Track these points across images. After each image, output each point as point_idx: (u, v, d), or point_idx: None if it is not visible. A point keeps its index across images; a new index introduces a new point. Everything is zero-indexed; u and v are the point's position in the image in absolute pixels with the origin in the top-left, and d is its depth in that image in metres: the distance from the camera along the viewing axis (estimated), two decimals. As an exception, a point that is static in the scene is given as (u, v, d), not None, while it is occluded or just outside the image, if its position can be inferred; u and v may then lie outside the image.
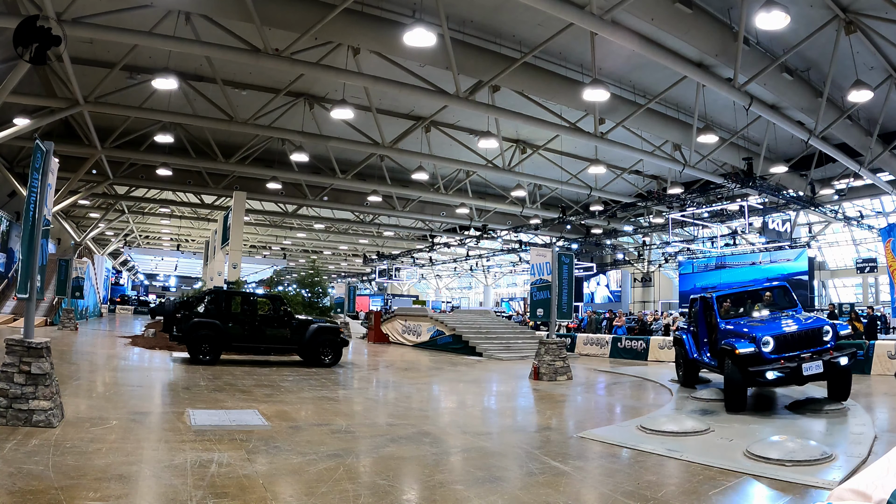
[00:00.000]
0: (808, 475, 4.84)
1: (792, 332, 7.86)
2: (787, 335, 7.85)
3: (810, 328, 7.91)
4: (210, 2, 10.46)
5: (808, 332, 7.84)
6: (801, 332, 7.84)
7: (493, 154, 18.68)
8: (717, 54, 11.44)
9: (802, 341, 7.80)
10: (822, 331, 7.86)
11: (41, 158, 6.06)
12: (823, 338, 7.81)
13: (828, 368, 7.62)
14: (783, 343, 7.78)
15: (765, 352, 7.72)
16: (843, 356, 7.64)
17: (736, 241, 26.95)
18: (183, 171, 21.65)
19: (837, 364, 7.62)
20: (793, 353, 7.69)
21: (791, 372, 7.51)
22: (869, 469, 1.20)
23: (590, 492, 4.71)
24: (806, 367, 7.50)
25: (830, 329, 7.84)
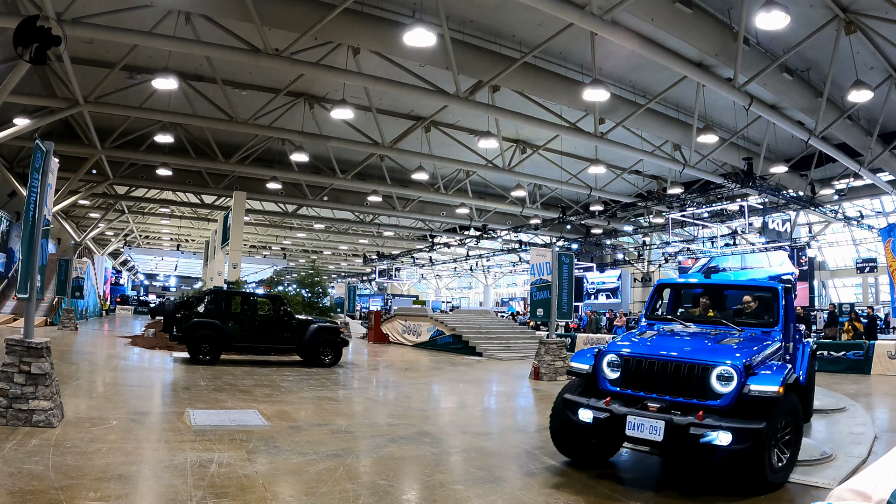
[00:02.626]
0: (808, 475, 4.84)
1: (662, 357, 4.81)
2: (646, 358, 4.85)
3: (687, 361, 4.67)
4: (210, 2, 10.45)
5: (681, 368, 4.66)
6: (673, 364, 4.71)
7: (493, 154, 18.68)
8: (717, 54, 11.43)
9: (671, 380, 4.69)
10: (707, 373, 4.56)
11: (41, 158, 6.06)
12: (711, 385, 4.54)
13: (674, 439, 4.38)
14: (638, 371, 4.84)
15: (603, 375, 5.03)
16: (724, 431, 4.23)
17: (736, 241, 26.93)
18: (183, 171, 21.65)
19: (695, 440, 4.28)
20: (648, 393, 4.73)
21: (609, 421, 4.63)
22: (869, 469, 1.20)
23: (590, 491, 4.71)
24: (634, 422, 4.51)
25: (734, 375, 4.49)
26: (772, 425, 4.40)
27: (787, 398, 4.60)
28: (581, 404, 4.84)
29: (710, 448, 4.26)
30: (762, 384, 4.47)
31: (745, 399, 4.46)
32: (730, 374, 4.52)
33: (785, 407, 4.57)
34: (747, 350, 4.87)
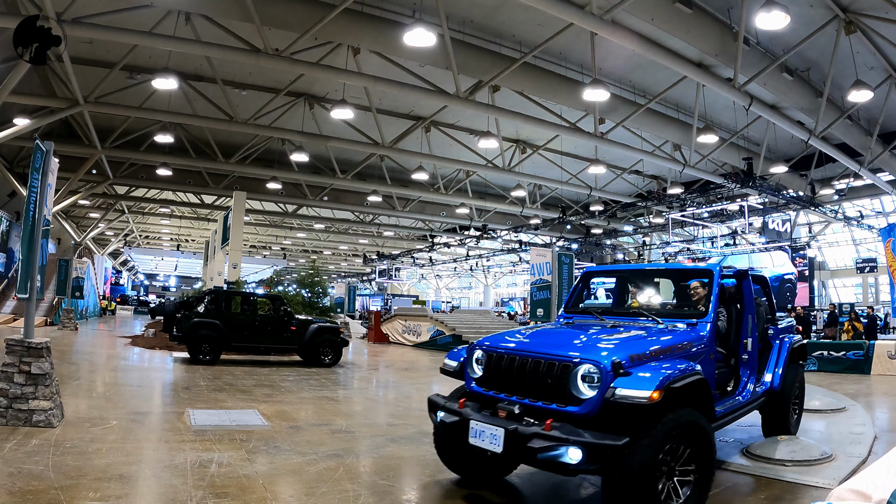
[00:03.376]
0: (808, 475, 4.84)
1: (523, 352, 4.06)
2: (507, 354, 4.13)
3: (548, 357, 3.88)
4: (210, 2, 10.45)
5: (540, 365, 3.88)
6: (533, 361, 3.94)
7: (493, 154, 18.68)
8: (717, 54, 11.43)
9: (530, 379, 3.92)
10: (568, 371, 3.73)
11: (41, 158, 6.06)
12: (571, 386, 3.70)
13: (513, 452, 3.68)
14: (498, 368, 4.15)
15: (469, 373, 4.42)
16: (574, 446, 3.42)
17: (736, 241, 26.94)
18: (183, 171, 21.65)
19: (533, 454, 3.52)
20: (509, 394, 4.01)
21: (458, 426, 4.00)
22: (869, 469, 1.20)
23: (590, 491, 4.71)
24: (477, 429, 3.85)
25: (599, 375, 3.63)
26: (644, 443, 3.37)
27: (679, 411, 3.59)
28: (439, 405, 4.23)
29: (561, 467, 3.45)
30: (630, 387, 3.48)
31: (611, 406, 3.51)
32: (594, 374, 3.61)
33: (672, 422, 3.51)
34: (628, 345, 3.91)
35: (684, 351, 4.16)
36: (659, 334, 4.34)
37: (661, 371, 3.70)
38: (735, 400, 4.95)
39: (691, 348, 4.25)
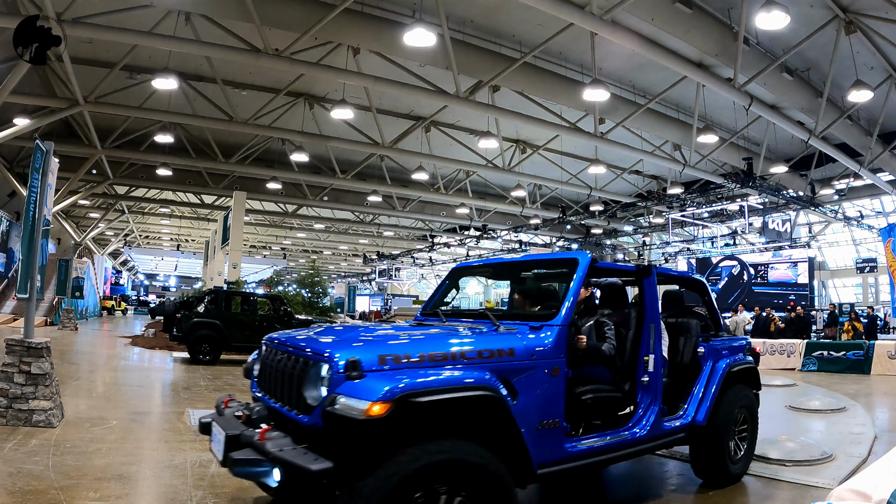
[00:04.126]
0: (808, 475, 4.84)
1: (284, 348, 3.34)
2: (275, 349, 3.48)
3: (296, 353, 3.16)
4: (210, 2, 10.45)
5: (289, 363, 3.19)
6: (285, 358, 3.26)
7: (493, 154, 18.68)
8: (717, 54, 11.43)
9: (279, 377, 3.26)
10: (305, 373, 3.01)
11: (41, 158, 6.06)
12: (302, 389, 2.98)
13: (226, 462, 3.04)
14: (264, 366, 3.64)
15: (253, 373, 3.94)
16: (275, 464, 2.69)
17: (736, 241, 26.95)
18: (183, 171, 21.64)
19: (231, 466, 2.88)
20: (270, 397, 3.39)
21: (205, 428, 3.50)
22: (869, 469, 1.20)
23: (590, 491, 4.71)
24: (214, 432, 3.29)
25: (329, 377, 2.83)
26: (368, 484, 2.51)
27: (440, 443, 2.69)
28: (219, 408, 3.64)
29: (266, 488, 2.95)
30: (351, 395, 2.65)
31: (332, 419, 2.68)
32: (325, 377, 2.83)
33: (420, 457, 2.60)
34: (387, 343, 3.11)
35: (496, 359, 3.13)
36: (467, 338, 3.36)
37: (407, 378, 2.73)
38: (620, 436, 3.82)
39: (511, 358, 3.21)
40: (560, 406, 3.41)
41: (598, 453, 3.65)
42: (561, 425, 3.40)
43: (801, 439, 5.78)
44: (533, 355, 3.34)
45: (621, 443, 3.83)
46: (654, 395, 4.12)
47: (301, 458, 2.64)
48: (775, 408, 8.56)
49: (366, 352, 2.87)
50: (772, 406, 8.79)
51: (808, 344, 14.19)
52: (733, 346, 5.07)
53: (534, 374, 3.30)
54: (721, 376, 4.60)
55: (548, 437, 3.32)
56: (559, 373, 3.43)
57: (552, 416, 3.35)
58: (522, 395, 3.20)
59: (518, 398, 3.17)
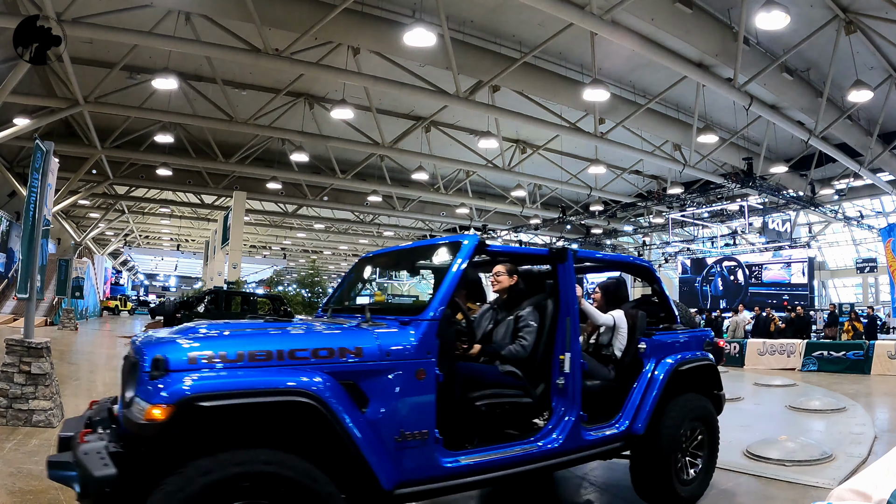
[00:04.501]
0: (808, 475, 4.84)
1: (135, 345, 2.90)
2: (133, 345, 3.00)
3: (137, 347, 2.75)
4: (210, 2, 10.46)
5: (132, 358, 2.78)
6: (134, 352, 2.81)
7: (493, 154, 18.68)
8: (717, 54, 11.43)
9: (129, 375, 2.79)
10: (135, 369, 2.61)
11: (41, 158, 6.06)
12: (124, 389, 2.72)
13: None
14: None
15: None
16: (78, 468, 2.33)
17: (736, 241, 26.95)
18: (183, 171, 21.64)
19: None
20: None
21: None
22: (869, 469, 1.20)
23: (590, 491, 4.71)
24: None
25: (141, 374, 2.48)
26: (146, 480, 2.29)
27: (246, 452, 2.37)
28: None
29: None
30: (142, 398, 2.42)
31: (125, 422, 2.54)
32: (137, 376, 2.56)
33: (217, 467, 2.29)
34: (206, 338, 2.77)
35: (335, 360, 2.73)
36: (307, 334, 3.04)
37: (201, 379, 2.42)
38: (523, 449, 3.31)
39: (359, 358, 2.79)
40: (429, 415, 2.92)
41: (490, 469, 3.13)
42: (431, 437, 2.91)
43: (801, 439, 5.77)
44: (388, 355, 2.87)
45: (525, 457, 3.29)
46: (571, 400, 3.56)
47: (91, 463, 2.33)
48: (775, 408, 8.56)
49: (175, 350, 2.51)
50: (772, 406, 8.81)
51: (808, 344, 14.18)
52: (684, 340, 4.38)
53: (389, 378, 2.84)
54: (665, 377, 4.01)
55: (412, 450, 2.84)
56: (426, 376, 2.93)
57: (417, 426, 2.87)
58: (374, 401, 2.77)
59: (369, 405, 2.75)
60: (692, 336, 4.51)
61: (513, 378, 3.54)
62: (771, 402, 9.34)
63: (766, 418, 7.72)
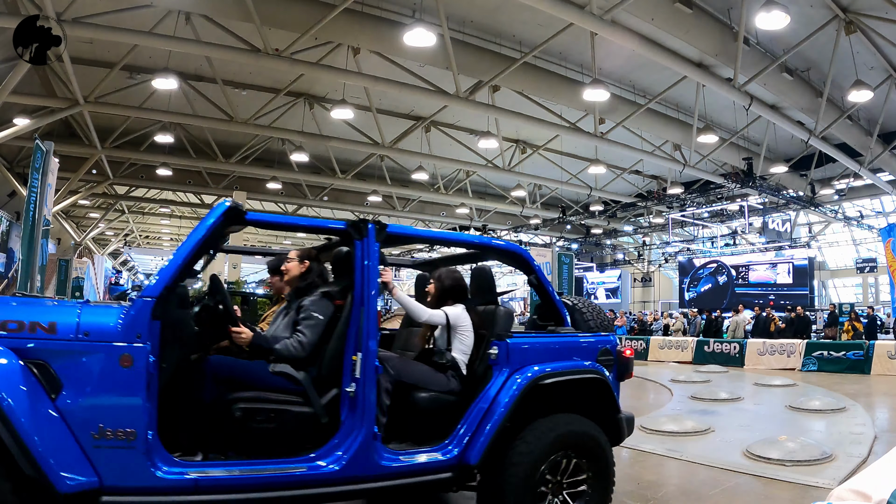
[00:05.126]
0: (808, 475, 4.84)
1: None
2: None
3: None
4: (210, 2, 10.46)
5: None
6: None
7: (493, 154, 18.68)
8: (717, 54, 11.43)
9: None
10: None
11: (41, 158, 6.07)
12: None
13: None
14: None
15: None
16: None
17: (736, 241, 26.95)
18: (183, 171, 21.64)
19: None
20: None
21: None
22: (869, 469, 1.20)
23: (590, 492, 4.71)
24: None
25: None
26: None
27: None
28: None
29: None
30: None
31: None
32: None
33: None
34: None
35: (24, 335, 2.45)
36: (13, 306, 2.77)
37: None
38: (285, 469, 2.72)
39: (51, 335, 2.49)
40: (137, 412, 2.48)
41: (230, 489, 2.58)
42: (141, 439, 2.46)
43: (801, 439, 5.77)
44: (87, 335, 2.51)
45: (286, 480, 2.68)
46: (362, 414, 2.88)
47: None
48: (775, 408, 8.57)
49: None
50: (772, 406, 8.81)
51: (808, 344, 14.19)
52: (559, 347, 3.55)
53: (85, 361, 2.48)
54: (518, 392, 3.17)
55: (114, 452, 2.42)
56: (133, 364, 2.50)
57: (120, 423, 2.44)
58: (69, 387, 2.41)
59: (62, 391, 2.40)
60: (577, 342, 3.65)
61: (284, 380, 2.91)
62: (771, 402, 9.34)
63: (766, 418, 7.72)
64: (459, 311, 3.55)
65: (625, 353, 3.82)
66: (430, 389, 3.30)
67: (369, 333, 2.98)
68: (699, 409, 8.19)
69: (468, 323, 3.53)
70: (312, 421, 2.88)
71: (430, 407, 3.26)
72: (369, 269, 3.06)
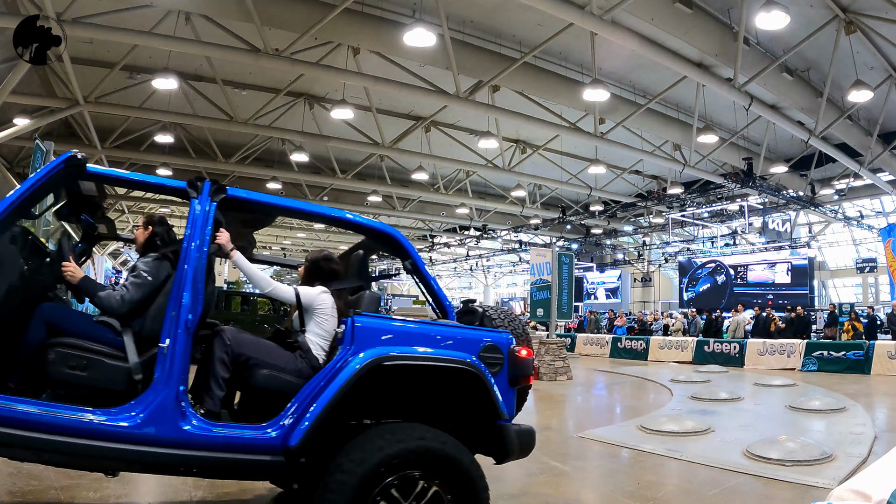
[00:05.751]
0: (808, 475, 4.84)
1: None
2: None
3: None
4: (210, 2, 10.46)
5: None
6: None
7: (493, 154, 18.68)
8: (717, 54, 11.43)
9: None
10: None
11: (41, 158, 6.07)
12: None
13: None
14: None
15: None
16: None
17: (736, 241, 26.95)
18: (183, 171, 21.57)
19: None
20: None
21: None
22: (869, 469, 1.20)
23: (590, 492, 4.72)
24: None
25: None
26: None
27: None
28: None
29: None
30: None
31: None
32: None
33: None
34: None
35: None
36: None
37: None
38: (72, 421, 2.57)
39: None
40: None
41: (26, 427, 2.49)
42: None
43: (801, 439, 5.78)
44: None
45: (79, 427, 2.56)
46: (169, 373, 2.77)
47: None
48: (775, 408, 8.57)
49: None
50: (772, 406, 8.81)
51: (808, 344, 14.19)
52: (421, 333, 3.09)
53: None
54: (350, 372, 2.77)
55: None
56: None
57: None
58: None
59: None
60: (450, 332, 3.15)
61: (110, 333, 2.90)
62: (771, 402, 9.34)
63: (766, 418, 7.72)
64: (317, 293, 3.31)
65: (519, 354, 3.20)
66: (271, 366, 3.07)
67: (187, 291, 2.85)
68: (699, 409, 8.19)
69: (327, 306, 3.27)
70: (126, 376, 2.80)
71: (266, 385, 3.02)
72: (198, 225, 2.97)
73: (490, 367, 3.07)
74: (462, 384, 3.02)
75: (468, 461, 2.84)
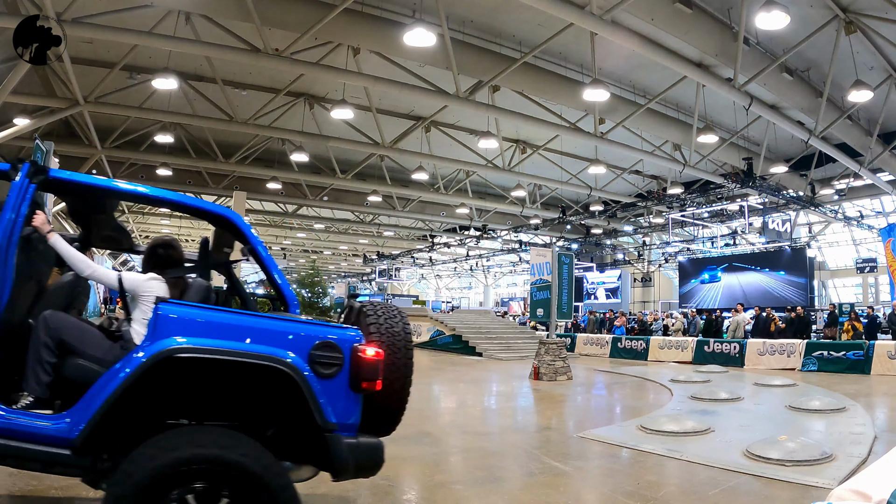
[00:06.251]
0: (808, 475, 4.84)
1: None
2: None
3: None
4: (210, 2, 10.46)
5: None
6: None
7: (493, 154, 18.69)
8: (717, 54, 11.44)
9: None
10: None
11: (41, 158, 6.07)
12: None
13: None
14: None
15: None
16: None
17: (736, 241, 26.94)
18: (183, 171, 21.64)
19: None
20: None
21: None
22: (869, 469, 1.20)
23: (590, 492, 4.72)
24: None
25: None
26: None
27: None
28: None
29: None
30: None
31: None
32: None
33: None
34: None
35: None
36: None
37: None
38: None
39: None
40: None
41: None
42: None
43: (802, 439, 5.78)
44: None
45: None
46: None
47: None
48: (775, 408, 8.57)
49: None
50: (772, 406, 8.81)
51: (808, 344, 14.19)
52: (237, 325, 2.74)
53: None
54: (136, 364, 2.54)
55: None
56: None
57: None
58: None
59: None
60: (276, 326, 2.82)
61: None
62: (771, 402, 9.34)
63: (766, 418, 7.72)
64: (144, 279, 3.05)
65: (363, 355, 2.80)
66: (86, 356, 2.86)
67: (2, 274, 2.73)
68: (699, 409, 8.19)
69: (154, 293, 2.95)
70: None
71: (74, 376, 2.78)
72: (13, 207, 2.82)
73: (322, 367, 2.74)
74: (278, 385, 2.67)
75: (272, 478, 2.51)
